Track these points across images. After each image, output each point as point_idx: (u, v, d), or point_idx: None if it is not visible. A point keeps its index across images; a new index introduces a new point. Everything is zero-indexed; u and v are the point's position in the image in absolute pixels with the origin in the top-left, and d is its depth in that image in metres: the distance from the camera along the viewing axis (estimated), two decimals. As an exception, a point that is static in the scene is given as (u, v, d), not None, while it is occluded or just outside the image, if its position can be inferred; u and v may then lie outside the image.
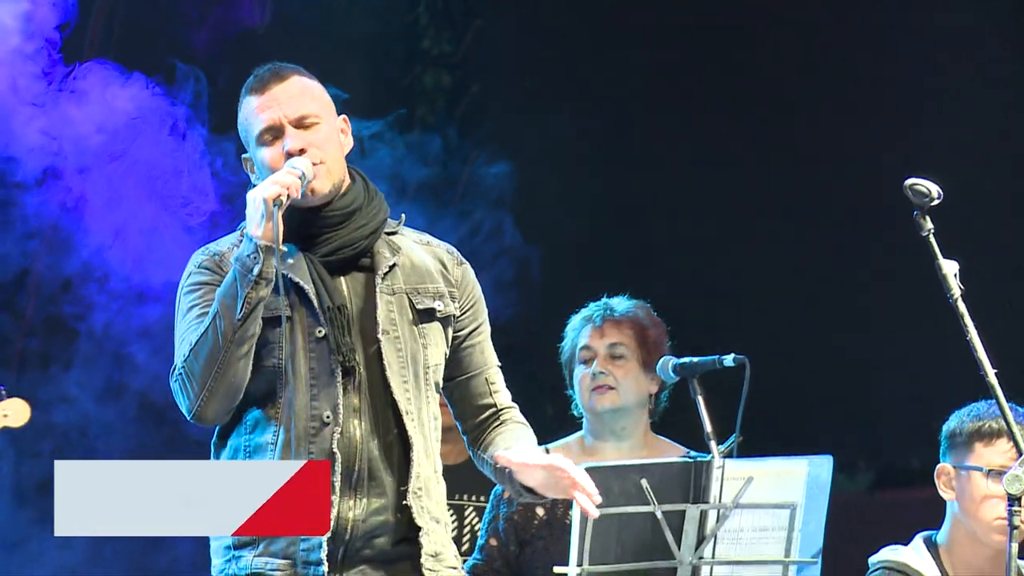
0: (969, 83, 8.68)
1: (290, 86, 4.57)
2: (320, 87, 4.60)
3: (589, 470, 4.55)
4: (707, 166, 8.88)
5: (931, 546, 5.34)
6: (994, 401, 4.78)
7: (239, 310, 4.36)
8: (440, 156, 8.31)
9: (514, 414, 4.66)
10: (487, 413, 4.69)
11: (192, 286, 4.52)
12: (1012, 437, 4.67)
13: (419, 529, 4.44)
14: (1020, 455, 4.56)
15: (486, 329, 4.68)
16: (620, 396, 5.58)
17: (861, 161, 8.31)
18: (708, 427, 5.09)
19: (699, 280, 8.24)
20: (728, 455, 5.08)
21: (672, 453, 5.59)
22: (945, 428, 5.31)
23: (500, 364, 4.75)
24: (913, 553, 5.33)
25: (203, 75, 7.23)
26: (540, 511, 5.67)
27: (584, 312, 5.78)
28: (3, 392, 6.20)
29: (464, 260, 4.72)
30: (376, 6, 8.68)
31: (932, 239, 4.57)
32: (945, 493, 5.24)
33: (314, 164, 4.44)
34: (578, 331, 5.78)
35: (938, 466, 5.26)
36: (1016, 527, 4.55)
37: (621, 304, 5.76)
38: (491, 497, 5.78)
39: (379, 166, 7.54)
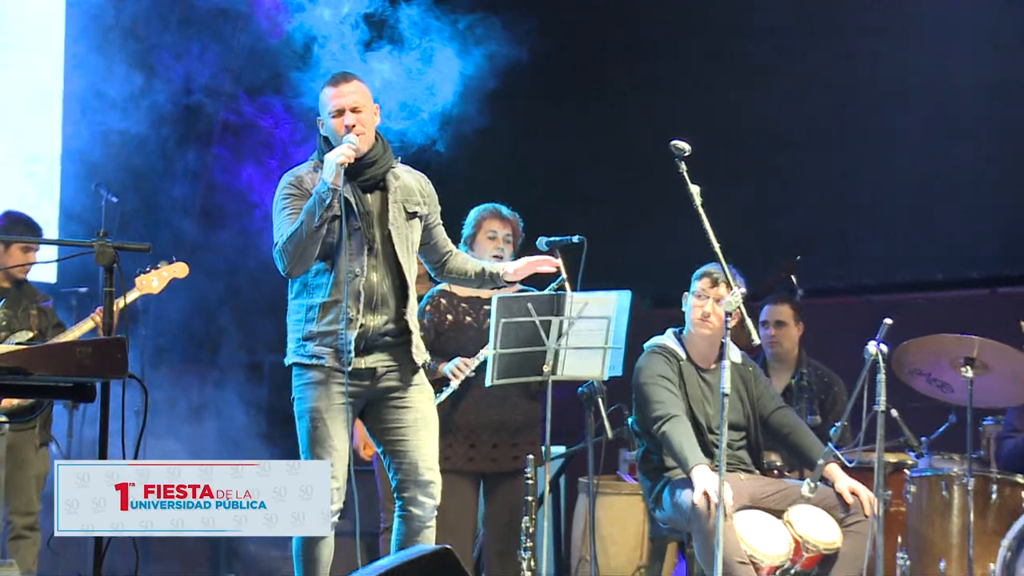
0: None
1: (350, 86, 4.89)
2: (365, 87, 4.94)
3: (501, 298, 5.18)
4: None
5: (678, 335, 5.77)
6: (716, 263, 5.13)
7: (316, 221, 4.73)
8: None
9: (457, 249, 5.18)
10: (447, 252, 5.13)
11: (284, 197, 4.88)
12: (726, 277, 5.00)
13: (410, 331, 4.90)
14: (731, 289, 4.91)
15: (440, 219, 5.12)
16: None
17: (649, 114, 8.57)
18: (564, 275, 5.39)
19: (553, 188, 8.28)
20: (560, 287, 5.32)
21: (512, 290, 5.67)
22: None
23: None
24: (667, 338, 5.76)
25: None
26: (449, 317, 5.89)
27: (489, 207, 5.97)
28: (173, 258, 6.25)
29: (429, 181, 5.10)
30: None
31: (685, 175, 4.91)
32: (684, 308, 5.70)
33: (357, 135, 4.83)
34: (487, 218, 5.95)
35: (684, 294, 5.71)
36: (730, 328, 4.95)
37: (505, 209, 5.99)
38: (418, 310, 5.81)
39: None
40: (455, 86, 6.84)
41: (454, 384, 5.69)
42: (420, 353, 4.94)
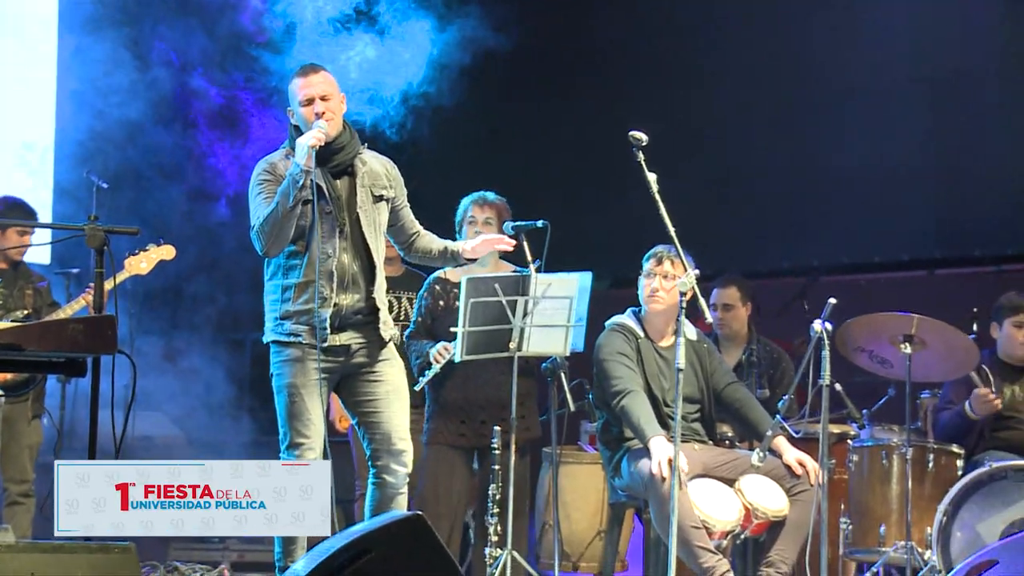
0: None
1: (318, 76, 4.96)
2: (333, 77, 5.01)
3: (469, 279, 5.26)
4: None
5: (636, 314, 5.82)
6: (670, 246, 5.25)
7: (290, 201, 4.79)
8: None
9: (424, 230, 5.23)
10: (414, 232, 5.18)
11: (260, 182, 4.95)
12: (681, 260, 5.10)
13: (378, 309, 4.97)
14: (686, 270, 4.98)
15: (406, 201, 5.19)
16: None
17: (609, 107, 8.63)
18: (529, 257, 5.48)
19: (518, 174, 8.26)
20: (538, 270, 5.41)
21: (506, 270, 5.86)
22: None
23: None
24: (626, 317, 5.81)
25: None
26: (442, 302, 5.93)
27: (473, 195, 5.97)
28: (161, 240, 6.31)
29: (395, 165, 5.15)
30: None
31: (643, 162, 4.92)
32: (639, 289, 5.73)
33: (327, 121, 4.89)
34: (469, 206, 5.94)
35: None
36: (683, 307, 5.00)
37: (490, 195, 5.98)
38: (418, 296, 6.01)
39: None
40: (425, 70, 6.86)
41: (436, 367, 5.74)
42: (388, 329, 5.02)
